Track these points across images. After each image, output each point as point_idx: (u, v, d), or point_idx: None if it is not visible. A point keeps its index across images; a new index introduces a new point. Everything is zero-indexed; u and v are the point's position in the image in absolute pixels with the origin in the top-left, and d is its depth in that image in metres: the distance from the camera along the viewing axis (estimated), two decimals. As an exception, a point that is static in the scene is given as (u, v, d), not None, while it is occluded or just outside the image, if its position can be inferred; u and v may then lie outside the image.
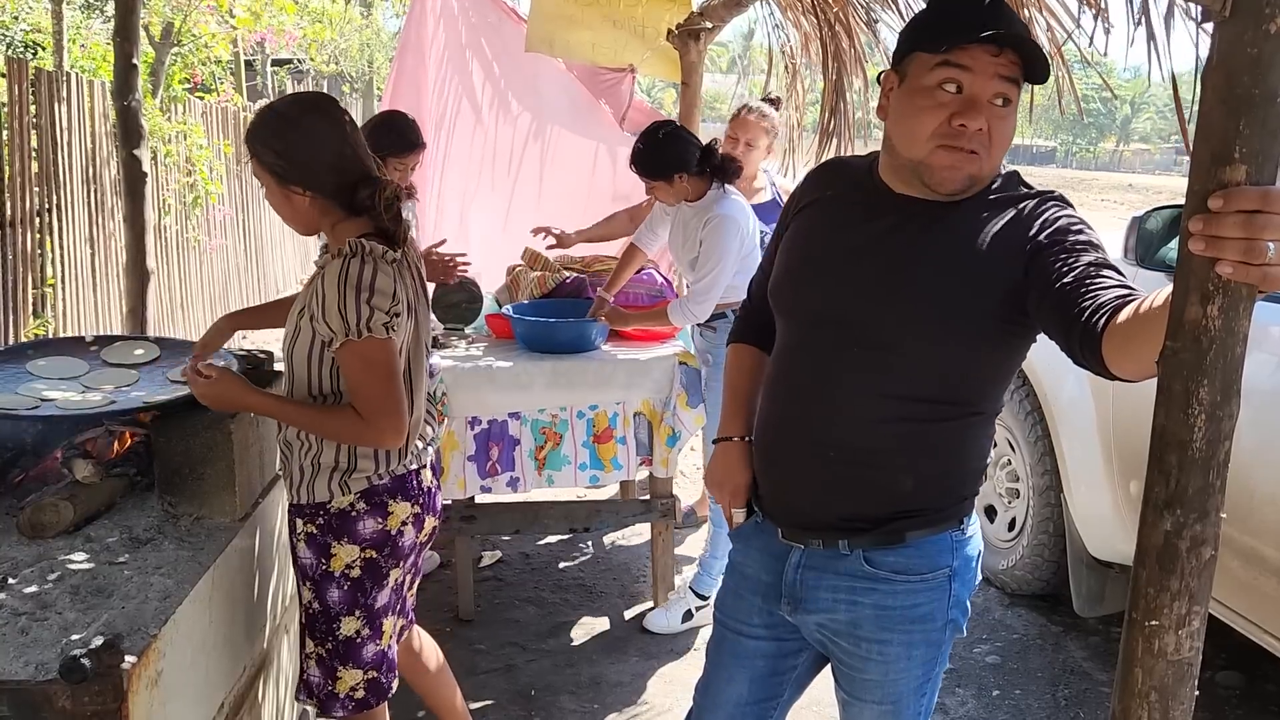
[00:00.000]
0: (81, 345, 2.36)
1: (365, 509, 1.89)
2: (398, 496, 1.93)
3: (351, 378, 1.80)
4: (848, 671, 1.61)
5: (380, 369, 1.79)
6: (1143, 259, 2.91)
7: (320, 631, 1.95)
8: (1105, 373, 1.23)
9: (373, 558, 1.92)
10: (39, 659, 1.43)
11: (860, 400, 1.48)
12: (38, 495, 1.88)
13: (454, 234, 4.68)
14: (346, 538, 1.89)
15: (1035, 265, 1.36)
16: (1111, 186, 33.03)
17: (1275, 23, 0.89)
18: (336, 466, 1.88)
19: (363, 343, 1.76)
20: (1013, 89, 1.39)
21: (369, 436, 1.82)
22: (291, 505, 1.95)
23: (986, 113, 1.38)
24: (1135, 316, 1.16)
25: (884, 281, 1.46)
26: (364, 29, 15.97)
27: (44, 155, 4.74)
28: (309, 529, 1.91)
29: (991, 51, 1.36)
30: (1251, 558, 2.49)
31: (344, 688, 1.97)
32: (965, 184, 1.43)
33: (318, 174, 1.82)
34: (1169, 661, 1.01)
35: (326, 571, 1.91)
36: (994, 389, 1.52)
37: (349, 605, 1.93)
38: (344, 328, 1.75)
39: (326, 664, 1.97)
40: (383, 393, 1.79)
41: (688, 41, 4.14)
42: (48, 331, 4.67)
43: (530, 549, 3.93)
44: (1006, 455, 3.62)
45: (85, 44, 7.61)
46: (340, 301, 1.74)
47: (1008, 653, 3.24)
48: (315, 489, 1.89)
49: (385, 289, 1.77)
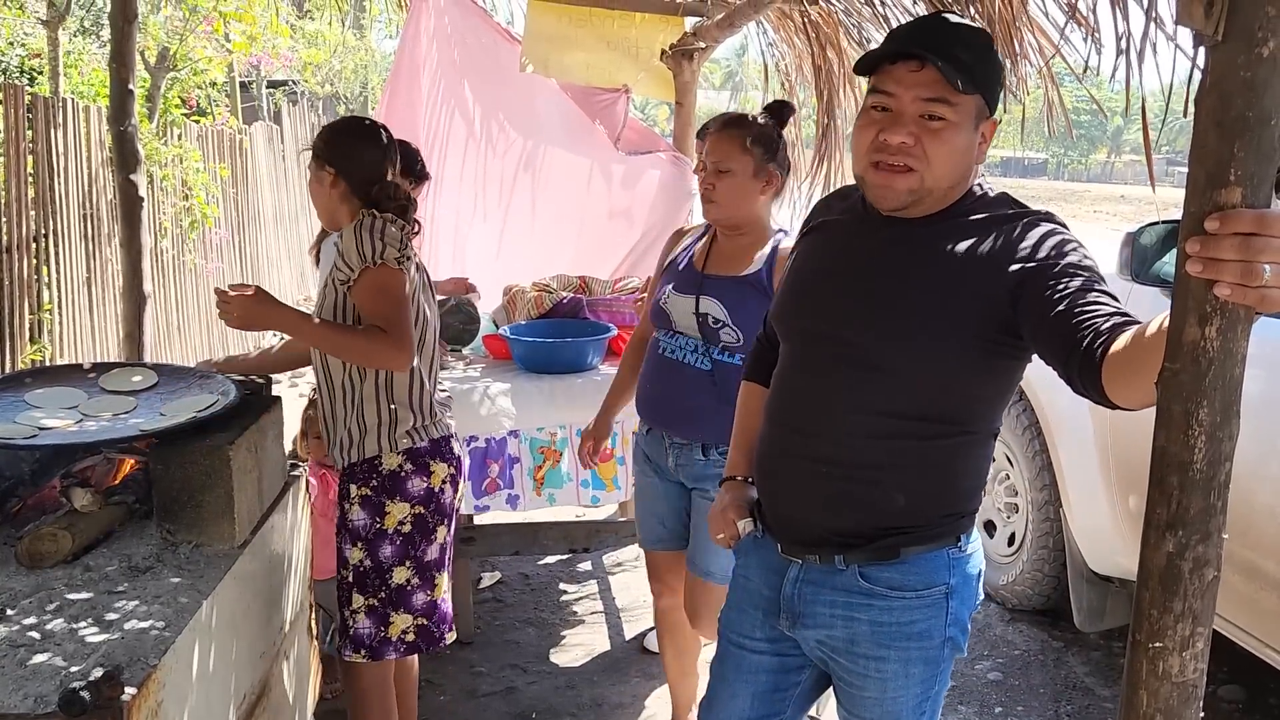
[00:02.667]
0: (80, 372, 2.35)
1: (412, 469, 2.17)
2: (436, 458, 2.21)
3: (367, 304, 2.06)
4: (847, 689, 1.62)
5: (392, 293, 2.05)
6: (1137, 274, 2.92)
7: (372, 585, 2.17)
8: (1106, 402, 1.23)
9: (421, 514, 2.18)
10: (38, 691, 1.42)
11: (852, 417, 1.51)
12: (36, 524, 1.87)
13: (449, 255, 4.69)
14: (399, 496, 2.16)
15: (1027, 290, 1.37)
16: (1104, 198, 33.21)
17: (1268, 46, 0.89)
18: (380, 422, 2.15)
19: (376, 270, 2.04)
20: (939, 105, 1.42)
21: (389, 352, 2.04)
22: (344, 470, 2.19)
23: (914, 127, 1.43)
24: (1133, 345, 1.15)
25: (871, 301, 1.50)
26: (358, 50, 16.03)
27: (40, 181, 4.75)
28: (364, 491, 2.15)
29: (912, 69, 1.42)
30: (1251, 572, 2.49)
31: (395, 631, 2.18)
32: (905, 199, 1.47)
33: (350, 163, 2.18)
34: (1174, 684, 1.01)
35: (380, 529, 2.15)
36: (987, 409, 1.53)
37: (400, 557, 2.17)
38: (360, 260, 2.04)
39: (379, 612, 2.17)
40: (395, 314, 2.04)
41: (681, 61, 4.17)
42: (44, 357, 4.66)
43: (530, 569, 3.92)
44: (1005, 470, 3.62)
45: (84, 70, 7.62)
46: (357, 243, 2.05)
47: (1009, 669, 3.23)
48: (366, 446, 2.15)
49: (394, 236, 2.08)
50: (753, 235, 2.33)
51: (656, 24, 4.34)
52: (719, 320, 2.27)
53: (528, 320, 3.62)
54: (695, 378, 2.30)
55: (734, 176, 2.25)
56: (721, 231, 2.36)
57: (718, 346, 2.29)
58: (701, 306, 2.29)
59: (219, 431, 2.01)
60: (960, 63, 1.40)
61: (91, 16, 10.80)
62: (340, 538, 2.22)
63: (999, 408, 1.55)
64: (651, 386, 2.43)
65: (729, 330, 2.27)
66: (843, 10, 3.66)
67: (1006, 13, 2.67)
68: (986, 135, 1.49)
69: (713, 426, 2.24)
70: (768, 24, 4.24)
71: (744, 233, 2.32)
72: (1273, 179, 0.93)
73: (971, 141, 1.47)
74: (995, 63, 1.50)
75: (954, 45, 1.42)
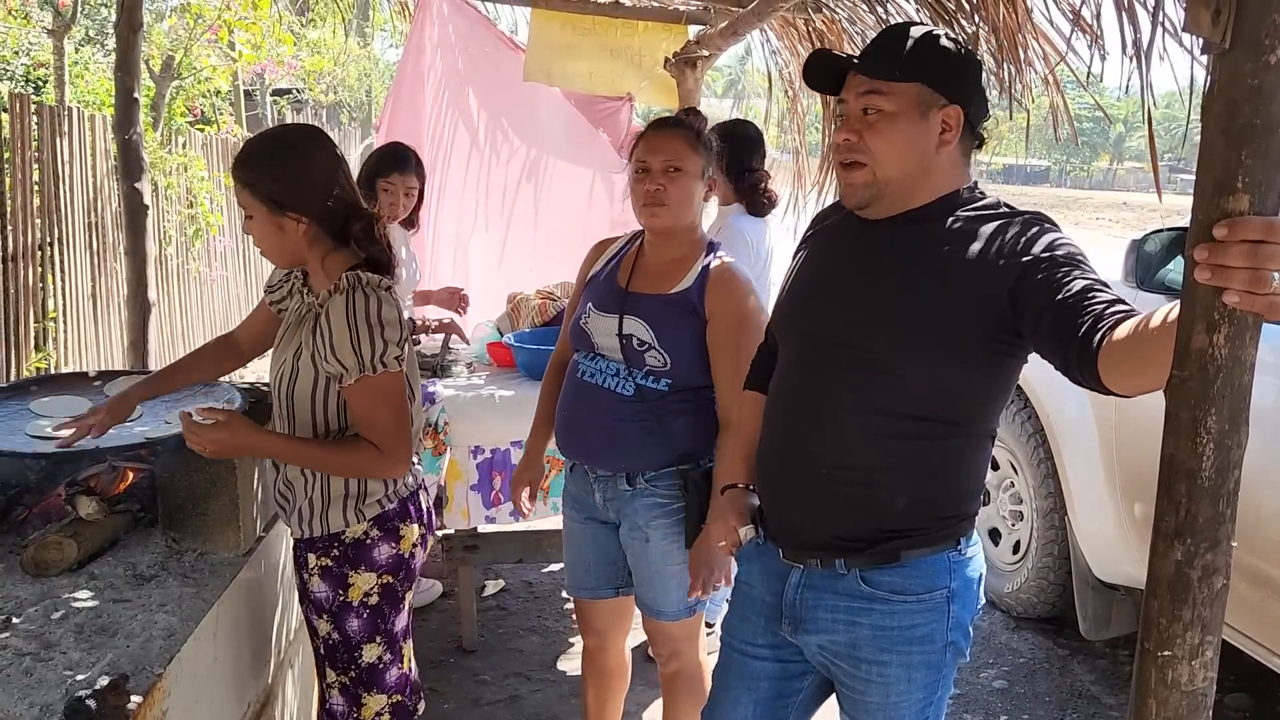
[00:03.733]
0: (85, 380, 2.36)
1: (379, 535, 1.89)
2: (406, 520, 1.94)
3: (365, 412, 1.80)
4: (850, 695, 1.62)
5: (394, 401, 1.81)
6: (1142, 281, 2.92)
7: (342, 661, 1.94)
8: (1101, 388, 1.25)
9: (389, 583, 1.92)
10: (44, 700, 1.42)
11: (851, 419, 1.52)
12: (41, 533, 1.87)
13: (452, 263, 4.70)
14: (363, 566, 1.89)
15: (1024, 287, 1.38)
16: (1106, 205, 33.15)
17: (1275, 54, 0.89)
18: (348, 494, 1.86)
19: (377, 377, 1.77)
20: (873, 97, 1.49)
21: (383, 467, 1.83)
22: (301, 540, 1.92)
23: (856, 124, 1.51)
24: (1134, 334, 1.17)
25: (870, 303, 1.52)
26: (362, 59, 16.08)
27: (45, 189, 4.76)
28: (323, 562, 1.89)
29: (854, 75, 1.53)
30: (1258, 579, 2.48)
31: (369, 714, 1.96)
32: (864, 193, 1.53)
33: (316, 201, 1.82)
34: (1183, 692, 1.00)
35: (345, 602, 1.90)
36: (984, 409, 1.54)
37: (370, 632, 1.92)
38: (358, 364, 1.75)
39: (350, 692, 1.95)
40: (397, 424, 1.81)
41: (684, 69, 4.17)
42: (49, 365, 4.67)
43: (533, 577, 3.91)
44: (1010, 478, 3.61)
45: (90, 79, 7.65)
46: (353, 338, 1.75)
47: (1015, 677, 3.22)
48: (330, 519, 1.87)
49: (392, 320, 1.78)
50: (685, 247, 2.15)
51: (660, 32, 4.35)
52: (644, 342, 2.09)
53: (532, 328, 3.62)
54: (616, 404, 2.11)
55: (686, 176, 2.08)
56: (652, 243, 2.18)
57: (641, 371, 2.09)
58: (625, 327, 2.10)
59: (224, 439, 2.01)
60: (887, 53, 1.50)
61: (97, 25, 10.85)
62: (304, 606, 1.97)
63: (996, 408, 1.56)
64: (570, 413, 2.21)
65: (655, 354, 2.08)
66: (846, 18, 3.67)
67: (1011, 20, 2.68)
68: (949, 123, 1.50)
69: (638, 455, 2.11)
70: (771, 32, 4.24)
71: (678, 243, 2.15)
72: (1280, 186, 0.93)
73: (919, 128, 1.49)
74: (942, 50, 1.52)
75: (887, 43, 1.54)
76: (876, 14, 3.42)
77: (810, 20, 3.71)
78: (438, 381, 3.28)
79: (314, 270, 1.89)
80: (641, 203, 2.10)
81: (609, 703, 2.52)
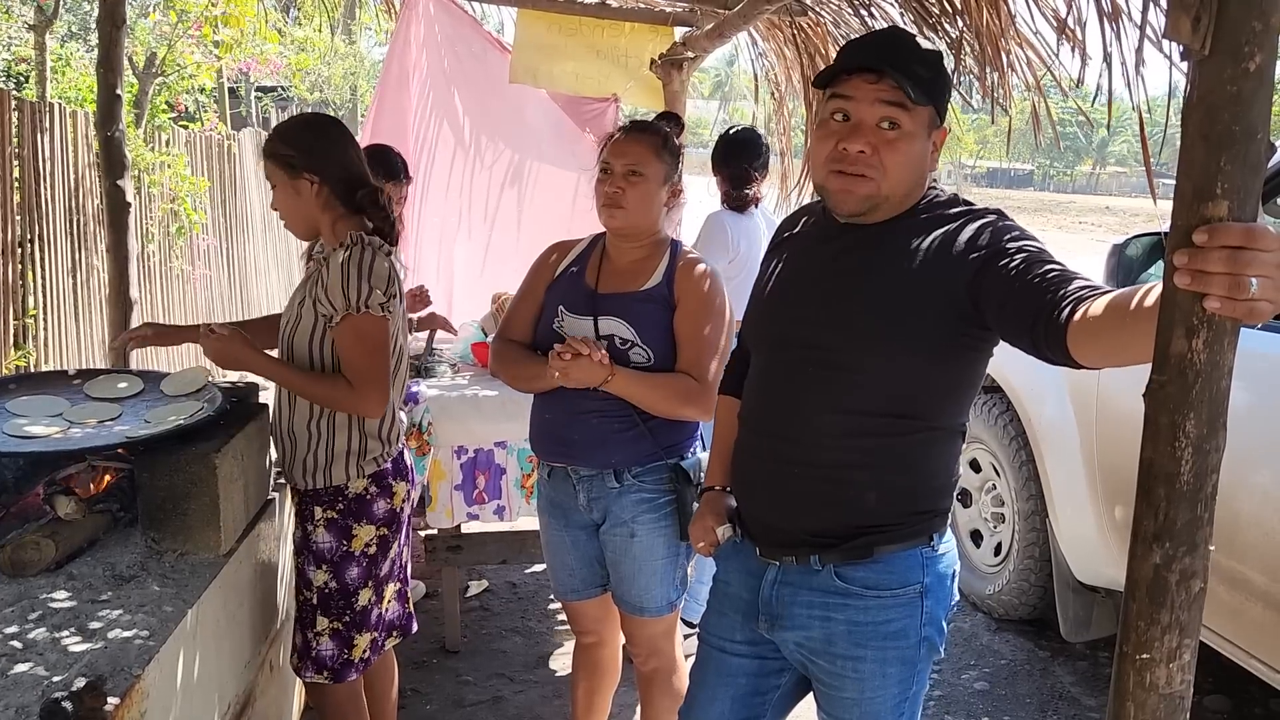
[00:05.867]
0: (64, 379, 2.33)
1: (377, 491, 2.13)
2: (397, 477, 2.18)
3: (345, 349, 2.01)
4: (826, 690, 1.65)
5: (372, 342, 2.00)
6: (1123, 286, 2.93)
7: (337, 608, 2.13)
8: (1070, 363, 1.28)
9: (385, 535, 2.16)
10: (19, 702, 1.41)
11: (820, 418, 1.55)
12: (19, 532, 1.85)
13: (436, 262, 4.69)
14: (365, 519, 2.12)
15: (985, 275, 1.41)
16: (1089, 209, 33.37)
17: (1254, 61, 0.90)
18: (349, 450, 2.09)
19: (360, 317, 1.98)
20: (897, 111, 1.48)
21: (352, 402, 2.03)
22: (306, 492, 2.12)
23: (871, 136, 1.48)
24: (1112, 312, 1.19)
25: (833, 304, 1.55)
26: (347, 57, 16.02)
27: (26, 186, 4.72)
28: (329, 514, 2.10)
29: (869, 80, 1.48)
30: (1236, 582, 2.50)
31: (358, 653, 2.17)
32: (862, 205, 1.52)
33: (330, 166, 2.07)
34: (1161, 695, 1.01)
35: (347, 552, 2.12)
36: (952, 405, 1.56)
37: (365, 578, 2.15)
38: (345, 304, 1.97)
39: (343, 635, 2.15)
40: (372, 364, 2.01)
41: (670, 71, 4.17)
42: (29, 363, 4.62)
43: (517, 578, 3.90)
44: (992, 480, 3.63)
45: (73, 74, 7.58)
46: (344, 282, 1.97)
47: (996, 679, 3.24)
48: (333, 473, 2.09)
49: (382, 274, 2.00)
50: (648, 248, 2.17)
51: (646, 34, 4.36)
52: (626, 340, 2.10)
53: (516, 328, 3.61)
54: (598, 402, 2.09)
55: (646, 182, 2.10)
56: (614, 243, 2.19)
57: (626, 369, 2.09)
58: (603, 328, 2.11)
59: (205, 439, 2.00)
60: (916, 76, 1.47)
61: (79, 21, 10.77)
62: (301, 558, 2.15)
63: (963, 403, 1.58)
64: (550, 416, 2.20)
65: (639, 350, 2.09)
66: (831, 21, 3.68)
67: (994, 26, 2.69)
68: (937, 144, 1.56)
69: (624, 450, 2.13)
70: (757, 34, 4.25)
71: (639, 244, 2.17)
72: (1259, 192, 0.94)
73: (925, 150, 1.53)
74: (946, 77, 1.58)
75: (910, 60, 1.50)
76: (861, 18, 3.44)
77: (795, 23, 3.72)
78: (421, 382, 3.27)
79: (326, 234, 2.12)
80: (601, 203, 2.16)
81: (598, 700, 2.53)
